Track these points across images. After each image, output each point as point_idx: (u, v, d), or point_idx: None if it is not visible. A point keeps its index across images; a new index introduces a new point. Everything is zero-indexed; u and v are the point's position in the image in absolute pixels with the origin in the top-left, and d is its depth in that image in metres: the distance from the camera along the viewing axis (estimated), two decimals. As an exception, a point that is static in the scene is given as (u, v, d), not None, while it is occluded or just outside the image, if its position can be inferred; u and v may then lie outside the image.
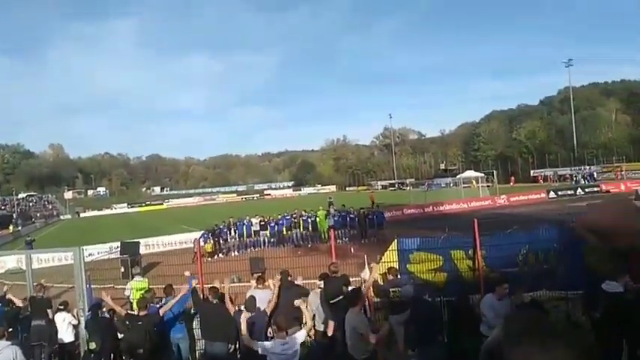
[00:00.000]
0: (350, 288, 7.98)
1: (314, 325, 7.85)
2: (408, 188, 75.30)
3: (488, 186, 43.35)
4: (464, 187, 43.34)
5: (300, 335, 6.39)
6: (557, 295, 8.48)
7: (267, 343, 6.10)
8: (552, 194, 37.97)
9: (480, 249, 8.84)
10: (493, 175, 45.87)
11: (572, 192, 38.80)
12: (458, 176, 51.71)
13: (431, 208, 33.40)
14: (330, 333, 7.59)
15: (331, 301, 7.72)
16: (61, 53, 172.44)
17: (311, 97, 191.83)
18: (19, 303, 10.13)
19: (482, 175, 45.16)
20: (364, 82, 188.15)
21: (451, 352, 6.87)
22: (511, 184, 61.92)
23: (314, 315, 7.81)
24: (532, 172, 69.94)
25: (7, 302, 10.05)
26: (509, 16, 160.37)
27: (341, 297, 7.61)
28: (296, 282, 8.59)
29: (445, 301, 8.32)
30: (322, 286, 8.28)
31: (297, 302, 7.52)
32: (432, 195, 48.28)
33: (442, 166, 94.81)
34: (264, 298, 7.88)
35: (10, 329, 7.65)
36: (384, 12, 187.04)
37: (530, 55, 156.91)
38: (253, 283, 8.76)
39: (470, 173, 48.23)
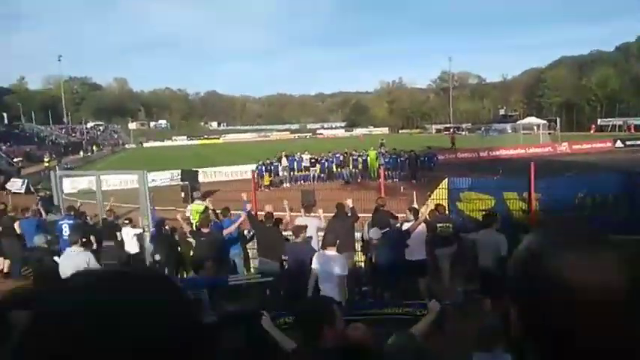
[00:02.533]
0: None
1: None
2: (464, 133, 73.02)
3: (549, 133, 41.21)
4: (524, 133, 41.41)
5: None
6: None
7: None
8: (619, 144, 35.56)
9: (535, 191, 8.65)
10: (556, 122, 43.43)
11: (642, 141, 36.09)
12: (518, 122, 49.43)
13: (486, 152, 32.41)
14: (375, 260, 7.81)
15: (382, 230, 7.87)
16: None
17: (368, 40, 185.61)
18: (90, 218, 11.15)
19: (545, 122, 42.84)
20: (423, 25, 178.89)
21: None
22: (592, 131, 58.21)
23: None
24: (599, 120, 65.33)
25: (81, 215, 11.00)
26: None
27: (388, 229, 7.80)
28: (349, 206, 8.74)
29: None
30: (371, 218, 8.55)
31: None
32: (489, 140, 46.75)
33: (502, 112, 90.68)
34: (313, 224, 8.23)
35: (85, 239, 8.35)
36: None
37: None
38: (302, 212, 9.10)
39: (531, 119, 45.84)
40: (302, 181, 22.65)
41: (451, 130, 65.62)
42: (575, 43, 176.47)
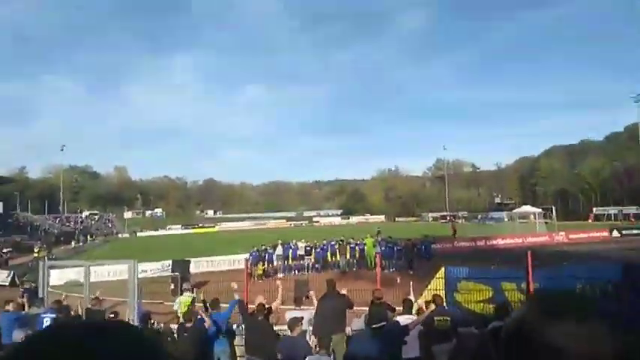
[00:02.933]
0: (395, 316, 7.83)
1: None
2: (461, 221, 73.22)
3: (546, 222, 41.36)
4: (520, 222, 41.58)
5: None
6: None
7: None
8: (616, 233, 35.56)
9: (533, 281, 8.45)
10: (552, 211, 43.78)
11: (639, 232, 36.15)
12: (514, 210, 49.81)
13: (483, 241, 32.20)
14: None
15: (374, 326, 7.56)
16: (128, 85, 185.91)
17: (363, 128, 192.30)
18: (74, 311, 10.66)
19: (541, 210, 43.20)
20: (418, 115, 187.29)
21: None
22: (590, 220, 58.57)
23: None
24: (594, 209, 66.13)
25: (63, 309, 10.55)
26: (572, 52, 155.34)
27: (384, 323, 7.47)
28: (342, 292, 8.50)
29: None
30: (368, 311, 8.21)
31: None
32: (485, 229, 46.76)
33: (497, 200, 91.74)
34: (305, 318, 7.87)
35: None
36: (440, 49, 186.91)
37: (594, 90, 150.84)
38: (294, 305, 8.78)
39: (527, 208, 46.31)
40: (296, 271, 22.17)
41: (450, 218, 65.90)
42: (565, 131, 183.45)
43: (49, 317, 9.30)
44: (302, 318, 7.34)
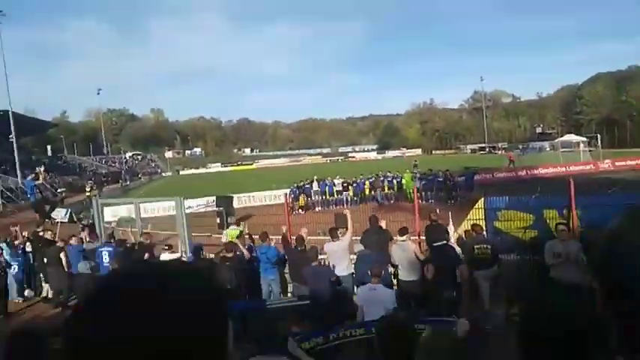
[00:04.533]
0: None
1: (397, 275, 8.02)
2: (500, 152, 71.49)
3: (590, 150, 39.83)
4: (563, 151, 40.16)
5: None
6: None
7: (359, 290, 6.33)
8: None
9: (575, 209, 8.37)
10: (597, 139, 41.99)
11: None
12: (557, 140, 48.04)
13: (524, 171, 31.52)
14: (430, 276, 7.54)
15: (435, 244, 7.78)
16: (163, 26, 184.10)
17: (397, 62, 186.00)
18: (130, 244, 11.43)
19: (585, 139, 41.46)
20: (453, 46, 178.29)
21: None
22: None
23: (397, 265, 7.95)
24: (644, 137, 62.74)
25: (122, 242, 11.32)
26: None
27: (445, 242, 7.72)
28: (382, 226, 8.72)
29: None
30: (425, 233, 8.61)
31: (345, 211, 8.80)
32: (527, 159, 45.60)
33: (539, 130, 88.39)
34: (337, 250, 8.12)
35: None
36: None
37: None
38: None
39: (570, 137, 44.33)
40: (334, 205, 22.63)
41: (504, 150, 63.83)
42: (611, 59, 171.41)
43: (106, 250, 10.09)
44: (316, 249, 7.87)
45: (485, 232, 8.67)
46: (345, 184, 23.29)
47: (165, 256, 10.10)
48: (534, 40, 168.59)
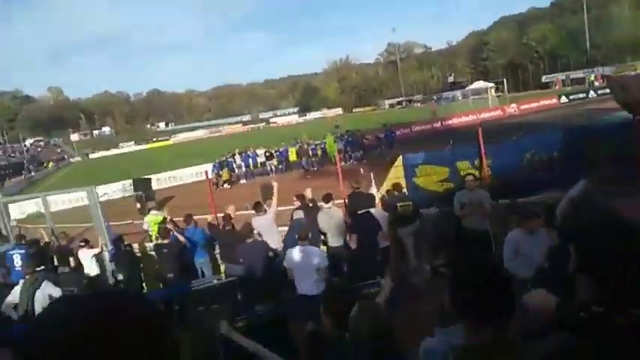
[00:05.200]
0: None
1: (327, 242, 8.11)
2: (417, 104, 74.25)
3: (498, 96, 42.43)
4: (473, 99, 42.45)
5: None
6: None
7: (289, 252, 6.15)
8: (564, 99, 37.14)
9: (485, 157, 8.89)
10: (503, 84, 44.79)
11: (585, 95, 37.92)
12: (467, 88, 50.57)
13: (439, 123, 33.01)
14: (353, 246, 7.66)
15: (359, 212, 7.81)
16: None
17: (309, 18, 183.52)
18: (43, 242, 10.55)
19: (493, 85, 44.03)
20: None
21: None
22: (556, 87, 59.53)
23: (325, 233, 8.02)
24: (543, 77, 67.88)
25: (34, 242, 10.39)
26: None
27: (366, 210, 7.75)
28: (308, 197, 8.68)
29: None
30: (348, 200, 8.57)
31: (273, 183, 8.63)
32: (441, 109, 47.73)
33: (451, 79, 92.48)
34: (264, 224, 8.00)
35: (42, 267, 7.83)
36: None
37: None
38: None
39: (479, 84, 46.92)
40: (259, 176, 22.34)
41: (429, 102, 65.91)
42: (512, 2, 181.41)
43: (17, 253, 9.18)
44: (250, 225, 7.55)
45: (405, 189, 8.98)
46: (268, 154, 23.00)
47: (84, 253, 9.47)
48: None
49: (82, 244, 9.74)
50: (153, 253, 8.60)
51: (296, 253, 6.00)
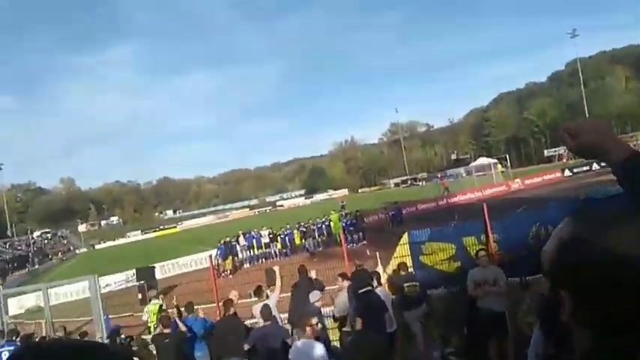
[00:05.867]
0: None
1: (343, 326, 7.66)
2: (421, 183, 74.89)
3: (502, 172, 42.84)
4: (477, 175, 42.81)
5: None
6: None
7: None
8: (567, 172, 37.37)
9: (492, 233, 8.68)
10: (506, 160, 45.37)
11: (588, 168, 38.13)
12: (470, 165, 51.22)
13: (444, 200, 33.02)
14: (358, 327, 7.22)
15: (360, 291, 7.49)
16: (62, 89, 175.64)
17: (314, 103, 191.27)
18: (38, 338, 10.12)
19: (495, 160, 44.61)
20: (366, 81, 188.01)
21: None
22: (564, 160, 59.99)
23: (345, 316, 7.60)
24: (545, 151, 68.87)
25: (24, 338, 10.01)
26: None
27: (369, 287, 7.38)
28: (313, 277, 8.45)
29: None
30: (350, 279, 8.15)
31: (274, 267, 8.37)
32: (451, 186, 47.92)
33: (454, 156, 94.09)
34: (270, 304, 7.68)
35: None
36: (376, 8, 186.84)
37: (533, 32, 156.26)
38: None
39: (482, 160, 47.60)
40: (263, 260, 21.92)
41: (440, 177, 66.18)
42: (510, 78, 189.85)
43: (7, 350, 8.79)
44: (269, 307, 7.17)
45: (412, 269, 8.70)
46: (272, 236, 22.76)
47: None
48: (438, 68, 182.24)
49: (79, 337, 9.37)
50: (151, 346, 8.16)
51: (298, 347, 5.78)
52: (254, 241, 22.52)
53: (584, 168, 38.09)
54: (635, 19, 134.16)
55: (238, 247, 22.35)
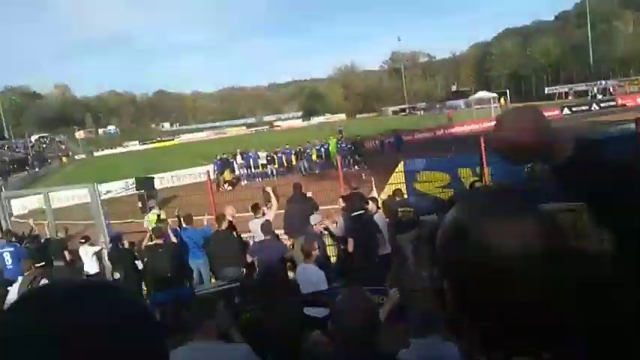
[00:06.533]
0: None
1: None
2: (420, 112, 74.30)
3: (500, 106, 42.51)
4: (476, 108, 42.49)
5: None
6: (565, 207, 8.54)
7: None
8: (567, 111, 37.13)
9: (487, 165, 8.88)
10: (506, 95, 44.82)
11: (587, 107, 37.92)
12: (470, 97, 50.66)
13: (442, 131, 33.05)
14: (350, 249, 7.51)
15: (353, 214, 7.70)
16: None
17: (315, 25, 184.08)
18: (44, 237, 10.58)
19: (496, 95, 44.09)
20: (370, 6, 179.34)
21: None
22: (569, 98, 59.16)
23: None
24: (546, 89, 67.85)
25: (27, 237, 10.44)
26: None
27: (362, 211, 7.66)
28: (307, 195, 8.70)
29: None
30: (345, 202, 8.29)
31: (267, 188, 8.52)
32: (444, 117, 47.78)
33: (454, 88, 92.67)
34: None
35: (43, 263, 7.74)
36: None
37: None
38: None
39: (482, 94, 46.96)
40: (260, 178, 22.27)
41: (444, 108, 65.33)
42: (516, 14, 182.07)
43: (7, 251, 9.11)
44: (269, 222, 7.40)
45: (406, 195, 8.99)
46: (270, 158, 23.00)
47: (85, 249, 9.49)
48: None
49: (83, 240, 9.76)
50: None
51: (298, 271, 5.90)
52: (251, 160, 22.79)
53: (583, 108, 37.88)
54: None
55: (235, 165, 22.64)
